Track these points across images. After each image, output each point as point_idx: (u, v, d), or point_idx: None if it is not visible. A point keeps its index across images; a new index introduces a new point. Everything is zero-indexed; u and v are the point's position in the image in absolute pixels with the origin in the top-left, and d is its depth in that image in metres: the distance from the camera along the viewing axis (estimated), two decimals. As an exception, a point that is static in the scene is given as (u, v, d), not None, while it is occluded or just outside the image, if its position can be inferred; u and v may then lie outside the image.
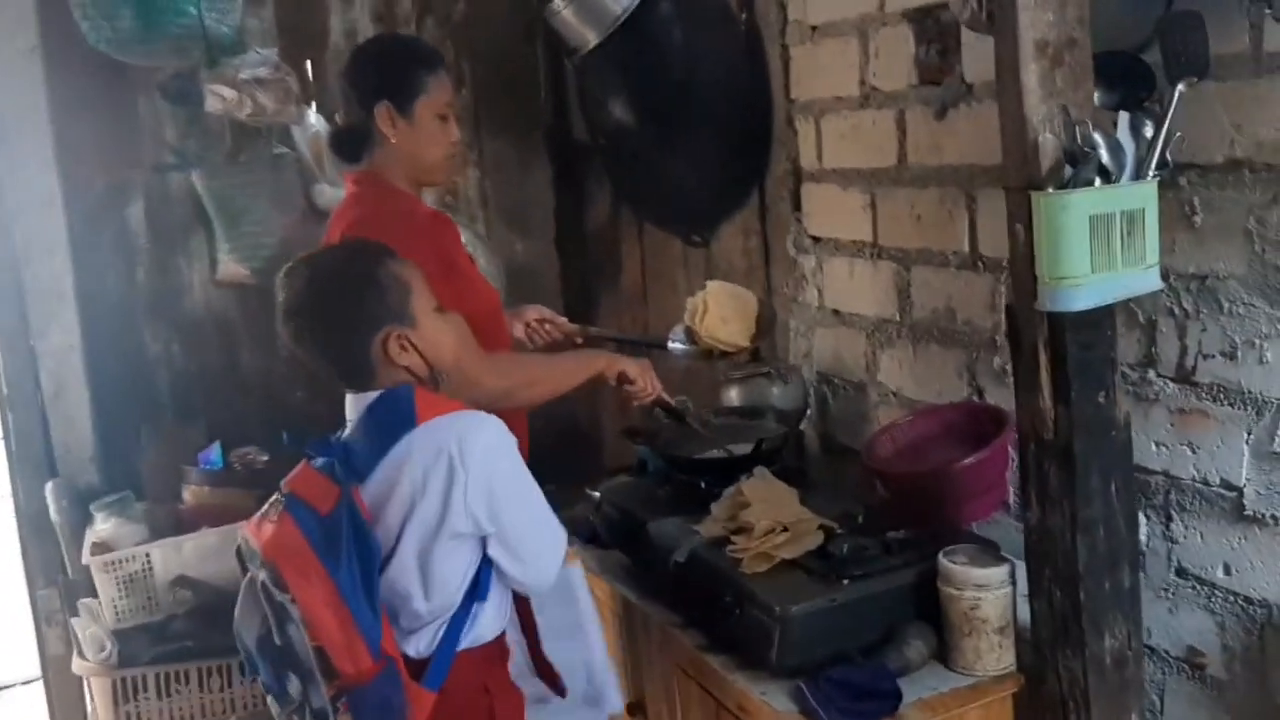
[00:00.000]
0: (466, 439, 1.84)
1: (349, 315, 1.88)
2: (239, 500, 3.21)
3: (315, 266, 1.93)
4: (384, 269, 1.90)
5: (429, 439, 1.85)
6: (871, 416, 2.88)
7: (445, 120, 2.47)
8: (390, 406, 1.88)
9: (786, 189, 3.09)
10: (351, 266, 1.91)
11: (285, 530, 1.80)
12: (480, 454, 1.84)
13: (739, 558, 2.17)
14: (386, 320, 1.88)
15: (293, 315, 1.90)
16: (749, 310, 2.78)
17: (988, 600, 1.98)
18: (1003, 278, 2.39)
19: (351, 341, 1.88)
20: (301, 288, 1.89)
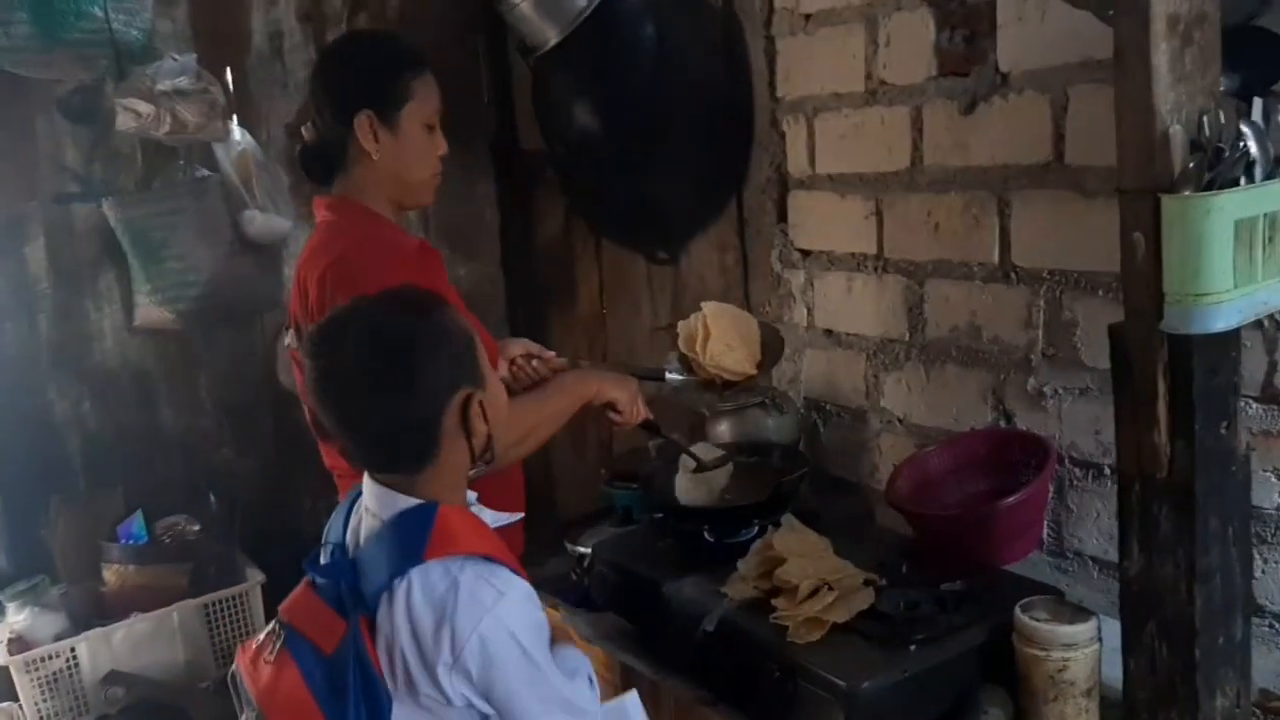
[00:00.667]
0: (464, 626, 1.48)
1: (419, 379, 1.53)
2: (169, 578, 2.85)
3: (366, 322, 1.56)
4: (450, 320, 1.58)
5: (428, 586, 1.49)
6: (871, 445, 2.64)
7: (433, 130, 2.15)
8: (410, 525, 1.54)
9: (770, 198, 2.85)
10: (417, 320, 1.56)
11: (285, 676, 1.50)
12: (480, 650, 1.48)
13: (784, 624, 1.88)
14: (464, 381, 1.55)
15: (338, 385, 1.54)
16: (752, 334, 2.49)
17: (1076, 660, 1.74)
18: (1042, 290, 2.16)
19: (419, 410, 1.54)
20: (352, 350, 1.52)
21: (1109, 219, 1.97)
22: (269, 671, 1.54)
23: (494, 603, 1.48)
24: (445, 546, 1.51)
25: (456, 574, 1.48)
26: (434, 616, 1.46)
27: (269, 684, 1.53)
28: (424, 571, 1.49)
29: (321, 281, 2.05)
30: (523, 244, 3.61)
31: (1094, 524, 2.11)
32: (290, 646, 1.52)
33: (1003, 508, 2.01)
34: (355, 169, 2.15)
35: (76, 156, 3.06)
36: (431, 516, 1.54)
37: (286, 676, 1.51)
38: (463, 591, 1.47)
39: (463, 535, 1.54)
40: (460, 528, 1.55)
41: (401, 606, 1.48)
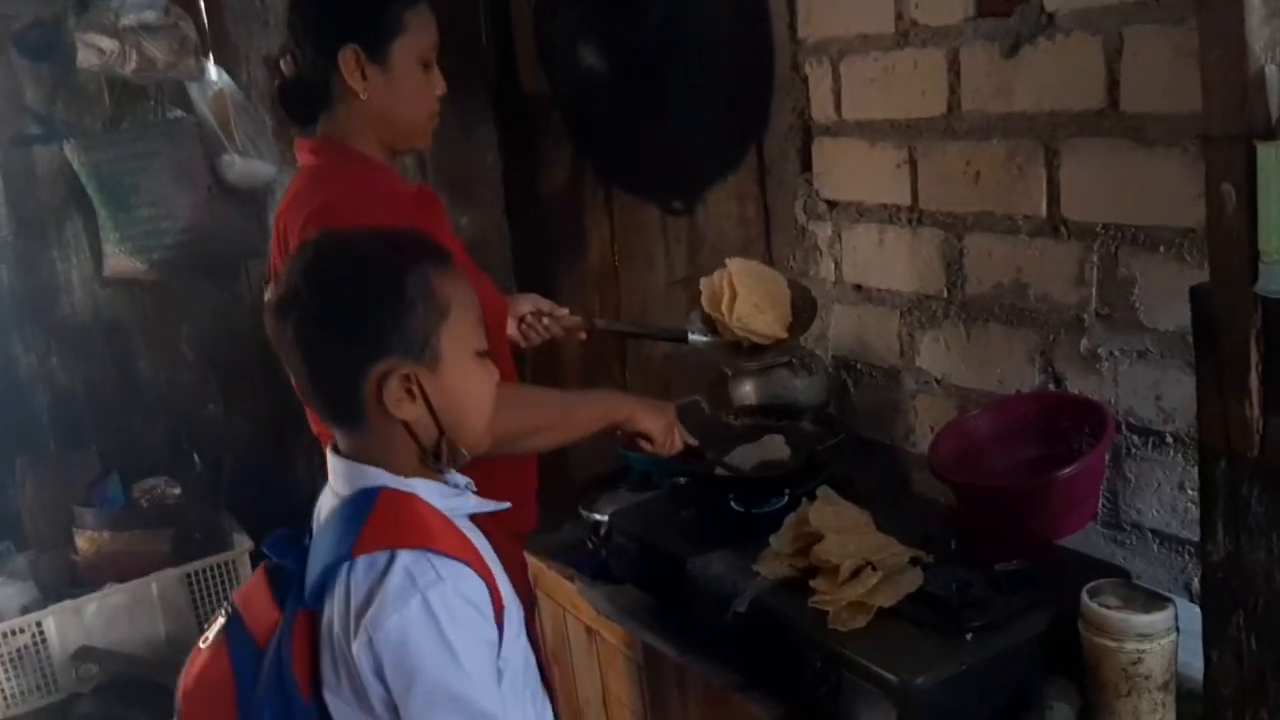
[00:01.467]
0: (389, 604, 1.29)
1: (348, 328, 1.34)
2: (148, 545, 2.70)
3: (332, 247, 1.39)
4: (419, 278, 1.36)
5: (361, 582, 1.31)
6: (906, 406, 2.48)
7: (429, 68, 1.95)
8: (345, 521, 1.36)
9: (793, 146, 2.67)
10: (375, 262, 1.37)
11: (214, 668, 1.36)
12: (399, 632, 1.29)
13: (824, 609, 1.73)
14: (394, 350, 1.35)
15: (280, 309, 1.36)
16: (781, 295, 2.32)
17: (1153, 652, 1.58)
18: (1095, 245, 2.00)
19: (343, 365, 1.35)
20: (299, 273, 1.35)
21: (1171, 169, 1.85)
22: (201, 658, 1.39)
23: (431, 583, 1.30)
24: (380, 539, 1.33)
25: (398, 559, 1.31)
26: (364, 593, 1.29)
27: (196, 673, 1.38)
28: (363, 561, 1.32)
29: (304, 231, 1.85)
30: (527, 192, 3.42)
31: (1154, 494, 1.96)
32: (229, 634, 1.38)
33: (1062, 478, 1.86)
34: (340, 108, 1.95)
35: (36, 96, 2.87)
36: (370, 503, 1.36)
37: (216, 667, 1.37)
38: (396, 573, 1.29)
39: (402, 525, 1.35)
40: (401, 516, 1.37)
41: (339, 593, 1.32)
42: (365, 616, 1.28)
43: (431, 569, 1.30)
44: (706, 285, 2.29)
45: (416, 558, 1.31)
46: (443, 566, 1.31)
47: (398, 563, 1.30)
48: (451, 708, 1.29)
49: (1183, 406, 1.88)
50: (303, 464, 3.18)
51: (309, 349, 1.36)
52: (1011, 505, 1.93)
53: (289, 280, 1.36)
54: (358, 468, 1.39)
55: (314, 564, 1.36)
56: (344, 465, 1.42)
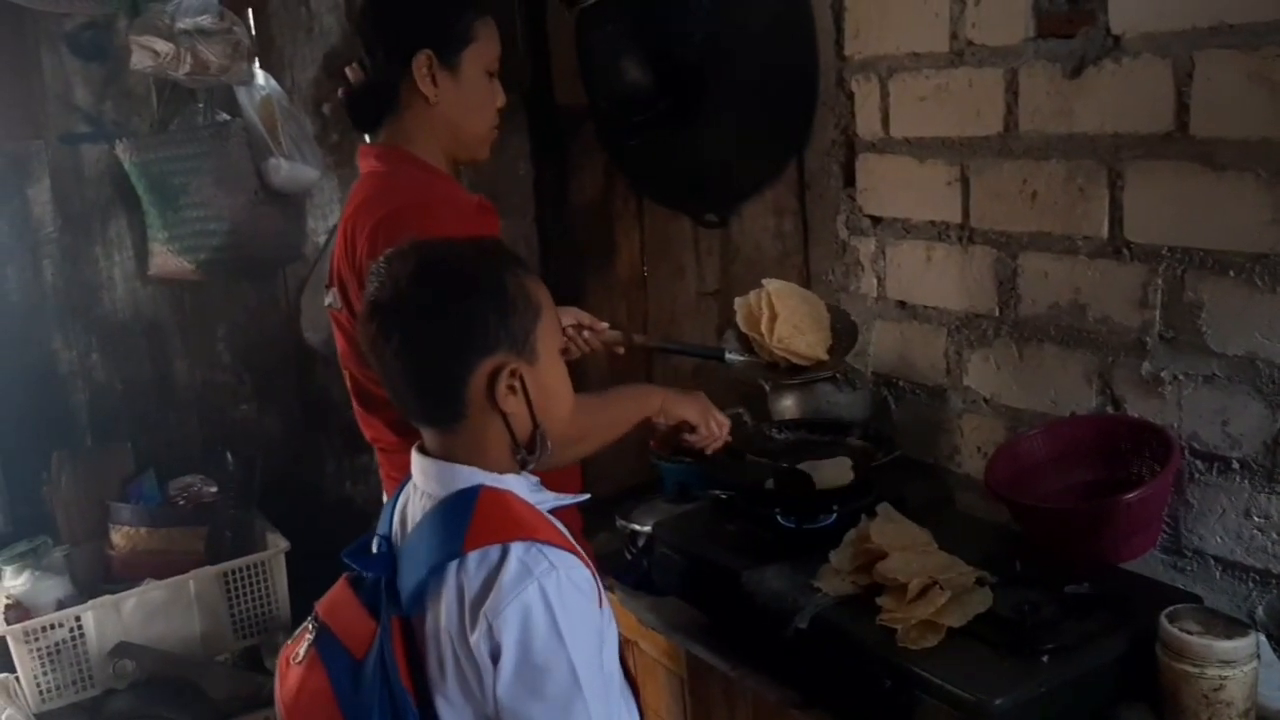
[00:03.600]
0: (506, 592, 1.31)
1: (457, 325, 1.38)
2: (184, 542, 2.69)
3: (428, 254, 1.43)
4: (516, 280, 1.43)
5: (478, 572, 1.34)
6: (952, 426, 2.47)
7: (493, 78, 1.97)
8: (449, 519, 1.39)
9: (835, 161, 2.67)
10: (479, 264, 1.43)
11: (311, 680, 1.36)
12: (518, 619, 1.31)
13: (893, 627, 1.72)
14: (503, 346, 1.40)
15: (383, 310, 1.40)
16: (821, 316, 2.32)
17: (1234, 679, 1.58)
18: (1160, 268, 1.99)
19: (450, 362, 1.39)
20: (406, 276, 1.39)
21: (1243, 194, 1.84)
22: (296, 674, 1.40)
23: (546, 570, 1.33)
24: (489, 534, 1.36)
25: (510, 550, 1.33)
26: (480, 585, 1.32)
27: (294, 687, 1.39)
28: (474, 556, 1.34)
29: (374, 235, 1.88)
30: (559, 201, 3.43)
31: (1218, 521, 1.95)
32: (321, 648, 1.39)
33: (1128, 501, 1.86)
34: (408, 115, 1.97)
35: (86, 95, 2.88)
36: (472, 501, 1.39)
37: (313, 681, 1.37)
38: (510, 564, 1.32)
39: (509, 517, 1.39)
40: (505, 512, 1.40)
41: (450, 591, 1.34)
42: (484, 606, 1.30)
43: (544, 558, 1.33)
44: (743, 305, 2.28)
45: (528, 548, 1.34)
46: (553, 556, 1.34)
47: (511, 554, 1.33)
48: (551, 697, 1.31)
49: (1250, 432, 1.88)
50: (333, 466, 3.18)
51: (414, 348, 1.39)
52: (1075, 528, 1.93)
53: (390, 283, 1.40)
54: (452, 468, 1.42)
55: (412, 568, 1.37)
56: (435, 466, 1.44)
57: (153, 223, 2.80)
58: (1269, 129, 1.80)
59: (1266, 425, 1.86)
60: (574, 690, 1.31)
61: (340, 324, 2.04)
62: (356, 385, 2.06)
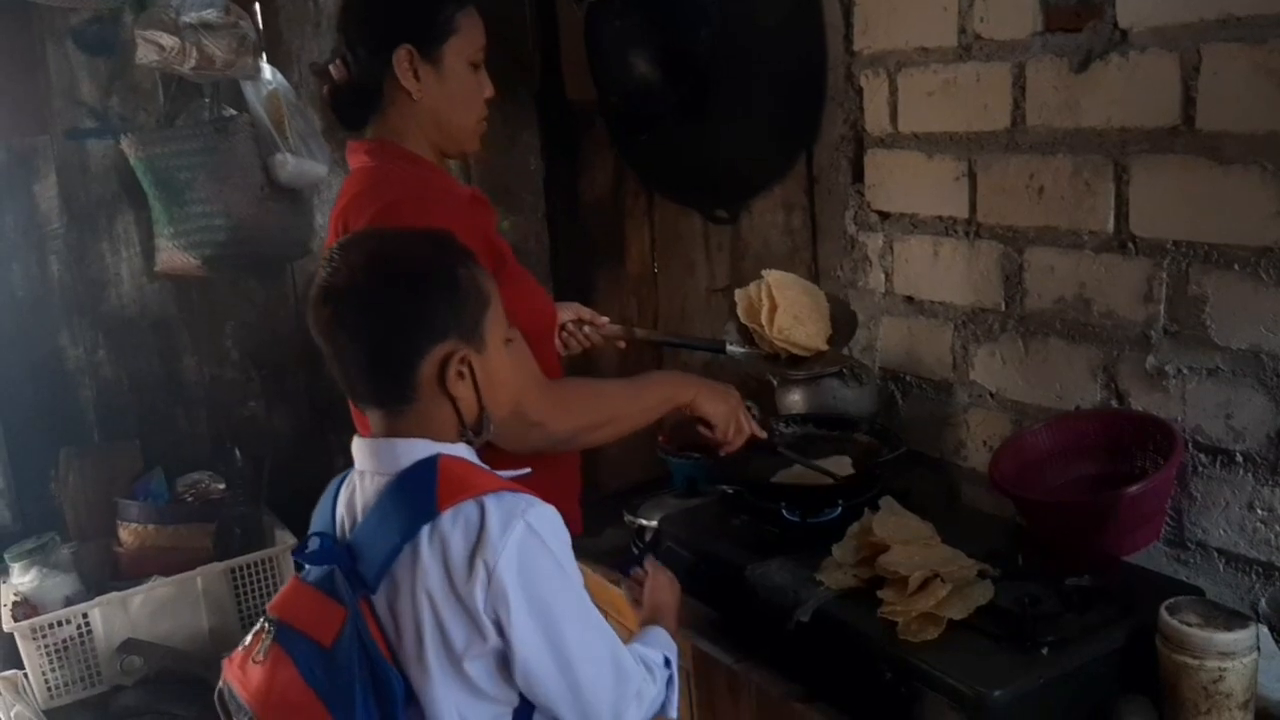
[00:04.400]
0: (511, 524, 1.39)
1: (410, 313, 1.43)
2: (192, 539, 2.69)
3: (384, 244, 1.50)
4: (467, 272, 1.48)
5: (454, 528, 1.39)
6: (958, 420, 2.47)
7: (478, 70, 1.96)
8: (412, 488, 1.43)
9: (844, 156, 2.66)
10: (432, 256, 1.48)
11: (281, 676, 1.37)
12: (517, 556, 1.38)
13: (894, 620, 1.72)
14: (452, 333, 1.45)
15: (337, 295, 1.44)
16: (821, 307, 2.32)
17: (1234, 670, 1.58)
18: (1165, 262, 1.99)
19: (402, 348, 1.44)
20: (359, 264, 1.44)
21: (1249, 188, 1.83)
22: (260, 672, 1.41)
23: (525, 508, 1.40)
24: (458, 492, 1.41)
25: (485, 501, 1.39)
26: (467, 543, 1.38)
27: (262, 685, 1.40)
28: (453, 519, 1.38)
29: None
30: (569, 198, 3.43)
31: (1221, 514, 1.94)
32: (283, 643, 1.40)
33: (1132, 494, 1.85)
34: (392, 111, 1.96)
35: (92, 90, 2.88)
36: (433, 468, 1.44)
37: (282, 675, 1.38)
38: (492, 512, 1.38)
39: (472, 476, 1.45)
40: (467, 470, 1.46)
41: (427, 553, 1.38)
42: (481, 554, 1.36)
43: (520, 499, 1.41)
44: (742, 296, 2.28)
45: (499, 496, 1.40)
46: (524, 496, 1.42)
47: (489, 503, 1.39)
48: (578, 619, 1.44)
49: (1254, 425, 1.87)
50: (341, 463, 3.15)
51: (368, 333, 1.43)
52: (1078, 521, 1.92)
53: (345, 270, 1.44)
54: (404, 442, 1.45)
55: (376, 544, 1.41)
56: (385, 444, 1.47)
57: (159, 218, 2.80)
58: (1276, 122, 1.79)
59: (1270, 418, 1.85)
60: (587, 605, 1.46)
61: None
62: None
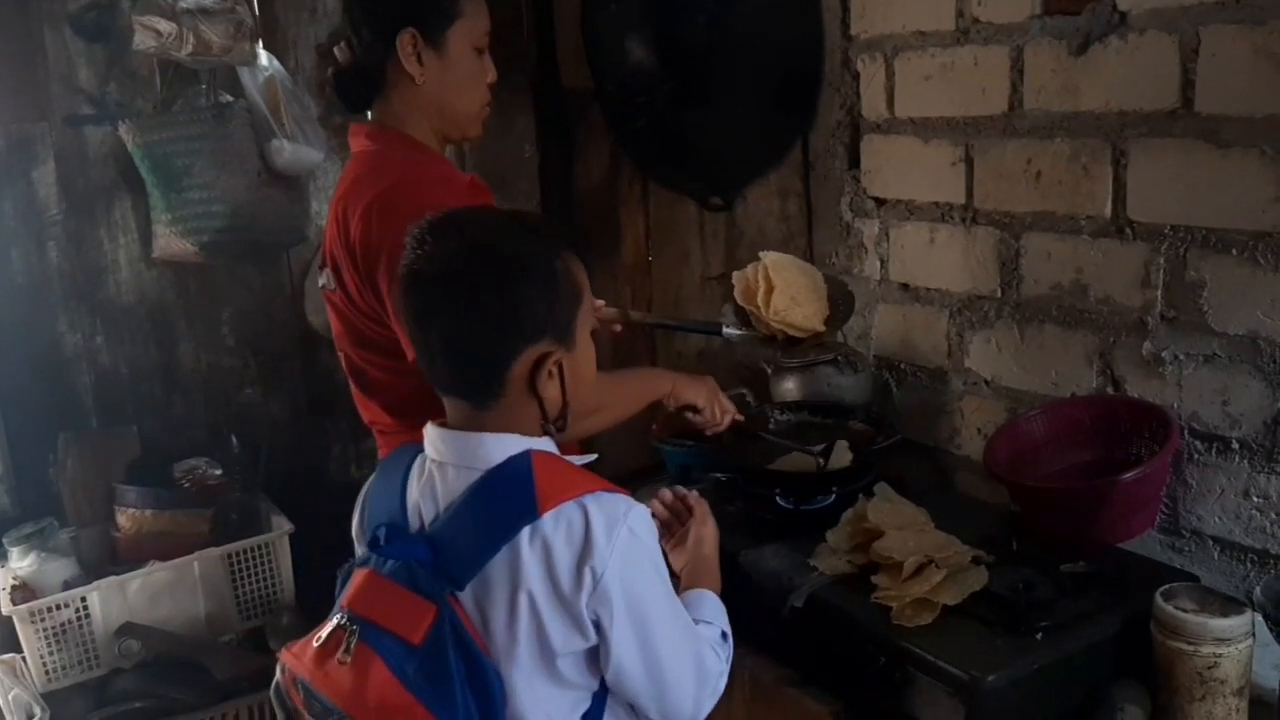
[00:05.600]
0: (615, 528, 1.36)
1: (507, 311, 1.37)
2: (189, 524, 2.69)
3: (480, 231, 1.41)
4: (564, 265, 1.41)
5: (557, 531, 1.35)
6: (953, 408, 2.46)
7: (481, 55, 1.96)
8: (507, 487, 1.38)
9: (840, 142, 2.65)
10: (532, 248, 1.40)
11: (375, 677, 1.31)
12: (621, 563, 1.35)
13: (888, 605, 1.72)
14: (548, 333, 1.39)
15: (428, 283, 1.39)
16: (819, 288, 2.31)
17: (1229, 657, 1.57)
18: (1163, 247, 1.98)
19: (496, 346, 1.39)
20: (454, 251, 1.38)
21: (1247, 172, 1.83)
22: (348, 674, 1.33)
23: (626, 511, 1.37)
24: (558, 493, 1.36)
25: (587, 504, 1.36)
26: (572, 549, 1.34)
27: (354, 687, 1.32)
28: (549, 518, 1.35)
29: (367, 215, 1.87)
30: (563, 185, 3.42)
31: (1216, 501, 1.94)
32: (371, 642, 1.33)
33: (1126, 481, 1.85)
34: (395, 95, 1.96)
35: (90, 76, 2.87)
36: (528, 465, 1.39)
37: (374, 676, 1.32)
38: (596, 517, 1.35)
39: (571, 476, 1.41)
40: (561, 468, 1.42)
41: (528, 555, 1.34)
42: (590, 561, 1.33)
43: (620, 501, 1.38)
44: (740, 279, 2.28)
45: (599, 498, 1.36)
46: (621, 498, 1.38)
47: (590, 506, 1.35)
48: (669, 621, 1.43)
49: (1250, 411, 1.86)
50: (337, 449, 3.19)
51: (459, 327, 1.38)
52: (1073, 508, 1.92)
53: (439, 256, 1.38)
54: (492, 437, 1.40)
55: (466, 543, 1.36)
56: (469, 439, 1.42)
57: (156, 204, 2.80)
58: (1275, 105, 1.78)
59: (1267, 405, 1.84)
60: (676, 605, 1.46)
61: (335, 305, 2.03)
62: (352, 366, 2.06)
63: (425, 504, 1.43)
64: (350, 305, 1.97)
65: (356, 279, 1.91)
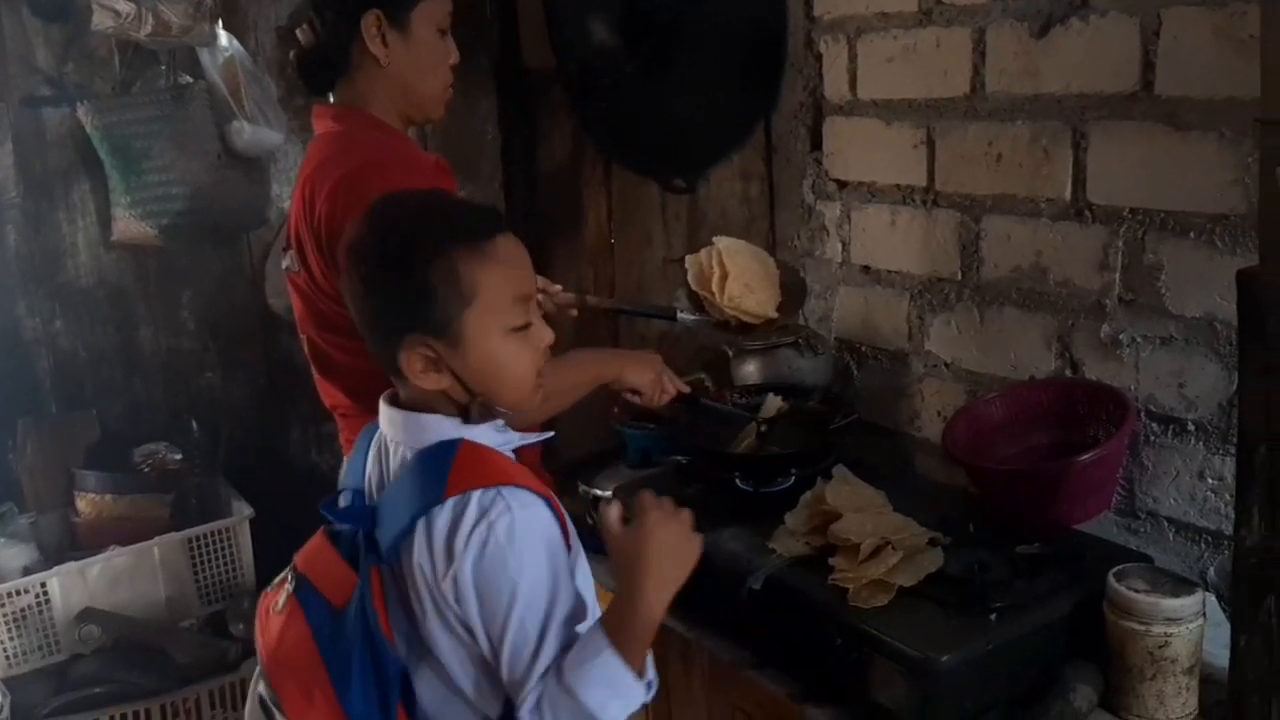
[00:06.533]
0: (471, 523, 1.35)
1: (381, 305, 1.44)
2: (149, 509, 2.67)
3: (383, 220, 1.46)
4: (448, 266, 1.39)
5: (440, 516, 1.37)
6: (913, 391, 2.47)
7: (445, 36, 1.95)
8: (429, 468, 1.42)
9: (802, 124, 2.65)
10: (413, 247, 1.41)
11: (292, 630, 1.38)
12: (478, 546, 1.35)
13: (844, 587, 1.72)
14: (415, 329, 1.41)
15: (348, 256, 1.47)
16: (771, 274, 2.33)
17: (1180, 636, 1.59)
18: (1121, 230, 1.99)
19: (381, 327, 1.45)
20: (363, 235, 1.45)
21: (1206, 154, 1.83)
22: (277, 623, 1.42)
23: (502, 512, 1.35)
24: (467, 481, 1.38)
25: (473, 496, 1.36)
26: (443, 538, 1.35)
27: (276, 637, 1.41)
28: (449, 504, 1.37)
29: (333, 195, 1.86)
30: (526, 167, 3.39)
31: (1172, 483, 1.95)
32: (301, 598, 1.40)
33: (1082, 463, 1.86)
34: (359, 77, 1.95)
35: (48, 57, 2.83)
36: (452, 452, 1.42)
37: (294, 629, 1.39)
38: (472, 508, 1.35)
39: (487, 468, 1.41)
40: (481, 462, 1.42)
41: (421, 539, 1.36)
42: (451, 551, 1.34)
43: (502, 501, 1.36)
44: (693, 263, 2.29)
45: (487, 494, 1.36)
46: (513, 498, 1.37)
47: (472, 501, 1.35)
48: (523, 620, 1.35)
49: (1206, 394, 1.87)
50: (298, 433, 3.17)
51: (360, 306, 1.46)
52: (1028, 490, 1.93)
53: (357, 233, 1.45)
54: (425, 419, 1.44)
55: (393, 517, 1.39)
56: (407, 418, 1.46)
57: (115, 187, 2.77)
58: (1234, 88, 1.78)
59: (1222, 387, 1.85)
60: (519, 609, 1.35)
61: (298, 287, 2.02)
62: (315, 349, 2.05)
63: (376, 476, 1.50)
64: (314, 287, 1.96)
65: (321, 260, 1.90)
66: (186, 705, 2.46)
